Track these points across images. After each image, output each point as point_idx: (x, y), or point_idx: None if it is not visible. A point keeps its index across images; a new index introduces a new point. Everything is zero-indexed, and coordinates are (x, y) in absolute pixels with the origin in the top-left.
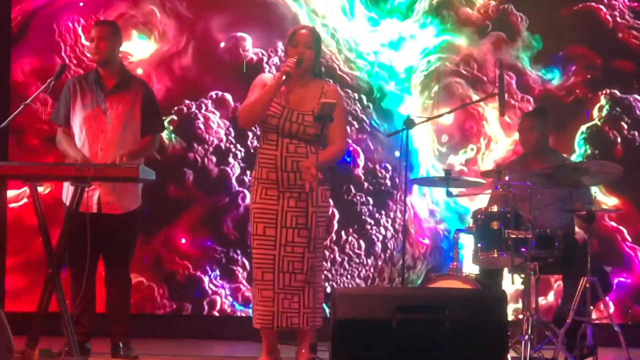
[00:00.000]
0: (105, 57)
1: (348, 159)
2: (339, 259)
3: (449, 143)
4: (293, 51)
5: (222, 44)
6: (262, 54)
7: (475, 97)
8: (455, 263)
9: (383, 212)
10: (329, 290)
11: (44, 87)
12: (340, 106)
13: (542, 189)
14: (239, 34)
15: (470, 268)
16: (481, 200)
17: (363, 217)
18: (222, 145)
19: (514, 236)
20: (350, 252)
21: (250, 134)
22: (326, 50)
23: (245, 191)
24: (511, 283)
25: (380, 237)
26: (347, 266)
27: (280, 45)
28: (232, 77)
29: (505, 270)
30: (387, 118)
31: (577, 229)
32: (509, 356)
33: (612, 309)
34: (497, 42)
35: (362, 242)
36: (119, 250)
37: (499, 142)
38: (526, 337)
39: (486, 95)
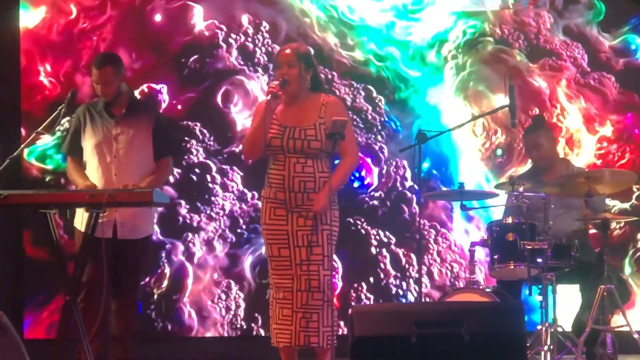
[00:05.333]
0: (112, 97)
1: (355, 175)
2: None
3: (509, 144)
4: (278, 73)
5: (158, 17)
6: (218, 28)
7: (536, 70)
8: (472, 276)
9: (412, 255)
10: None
11: (55, 114)
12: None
13: (554, 198)
14: (187, 2)
15: None
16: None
17: (381, 264)
18: None
19: (530, 247)
20: None
21: (194, 142)
22: (316, 29)
23: (179, 244)
24: (528, 294)
25: (412, 299)
26: None
27: (244, 18)
28: (171, 63)
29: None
30: (407, 114)
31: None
32: None
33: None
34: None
35: None
36: (130, 275)
37: (584, 142)
38: (545, 347)
39: (497, 108)
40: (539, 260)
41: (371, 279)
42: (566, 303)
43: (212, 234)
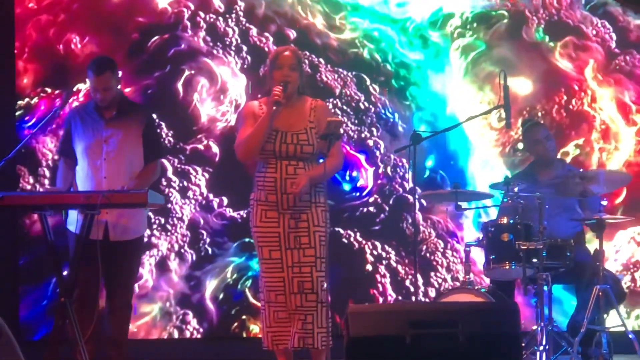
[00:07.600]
0: (109, 102)
1: (344, 176)
2: None
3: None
4: (278, 74)
5: None
6: (185, 6)
7: (559, 50)
8: (466, 276)
9: (409, 270)
10: None
11: (49, 116)
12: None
13: (550, 198)
14: None
15: None
16: None
17: (379, 285)
18: None
19: (525, 247)
20: None
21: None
22: (300, 9)
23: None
24: (524, 294)
25: None
26: None
27: None
28: (129, 45)
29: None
30: (406, 104)
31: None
32: None
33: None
34: None
35: None
36: (123, 276)
37: (622, 134)
38: (541, 347)
39: (491, 108)
40: (534, 260)
41: (367, 304)
42: (561, 303)
43: (166, 251)
